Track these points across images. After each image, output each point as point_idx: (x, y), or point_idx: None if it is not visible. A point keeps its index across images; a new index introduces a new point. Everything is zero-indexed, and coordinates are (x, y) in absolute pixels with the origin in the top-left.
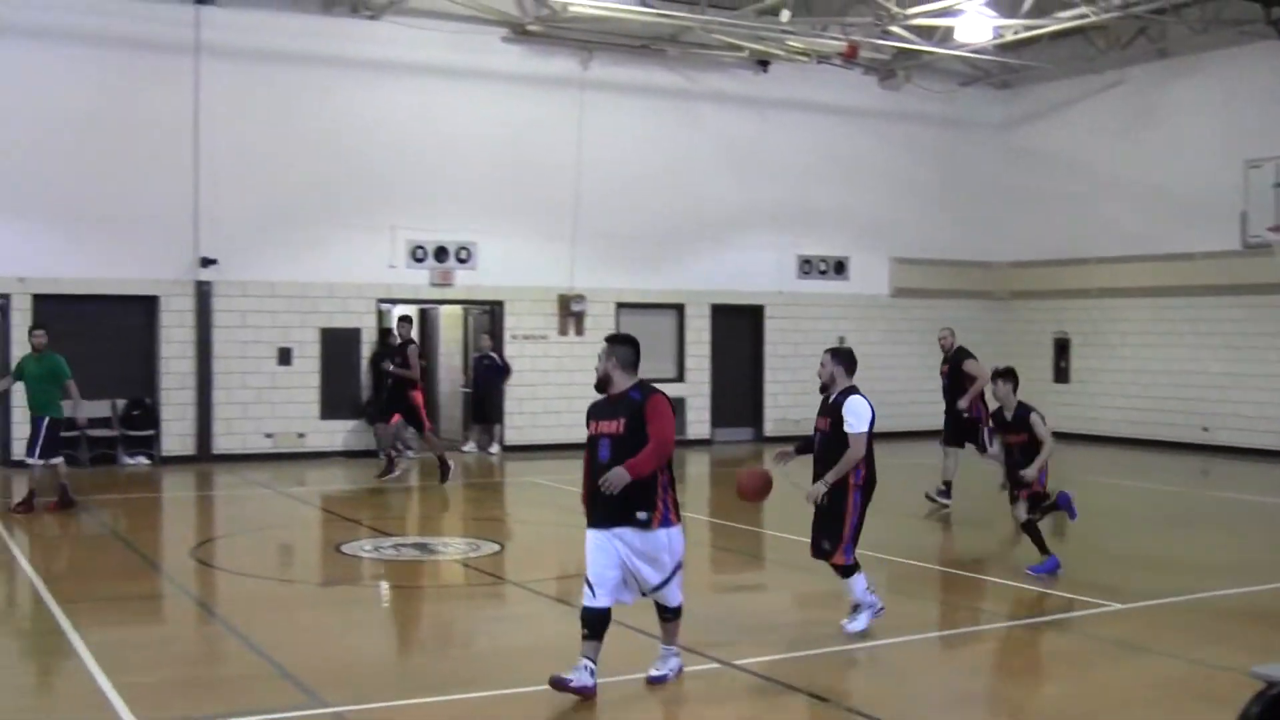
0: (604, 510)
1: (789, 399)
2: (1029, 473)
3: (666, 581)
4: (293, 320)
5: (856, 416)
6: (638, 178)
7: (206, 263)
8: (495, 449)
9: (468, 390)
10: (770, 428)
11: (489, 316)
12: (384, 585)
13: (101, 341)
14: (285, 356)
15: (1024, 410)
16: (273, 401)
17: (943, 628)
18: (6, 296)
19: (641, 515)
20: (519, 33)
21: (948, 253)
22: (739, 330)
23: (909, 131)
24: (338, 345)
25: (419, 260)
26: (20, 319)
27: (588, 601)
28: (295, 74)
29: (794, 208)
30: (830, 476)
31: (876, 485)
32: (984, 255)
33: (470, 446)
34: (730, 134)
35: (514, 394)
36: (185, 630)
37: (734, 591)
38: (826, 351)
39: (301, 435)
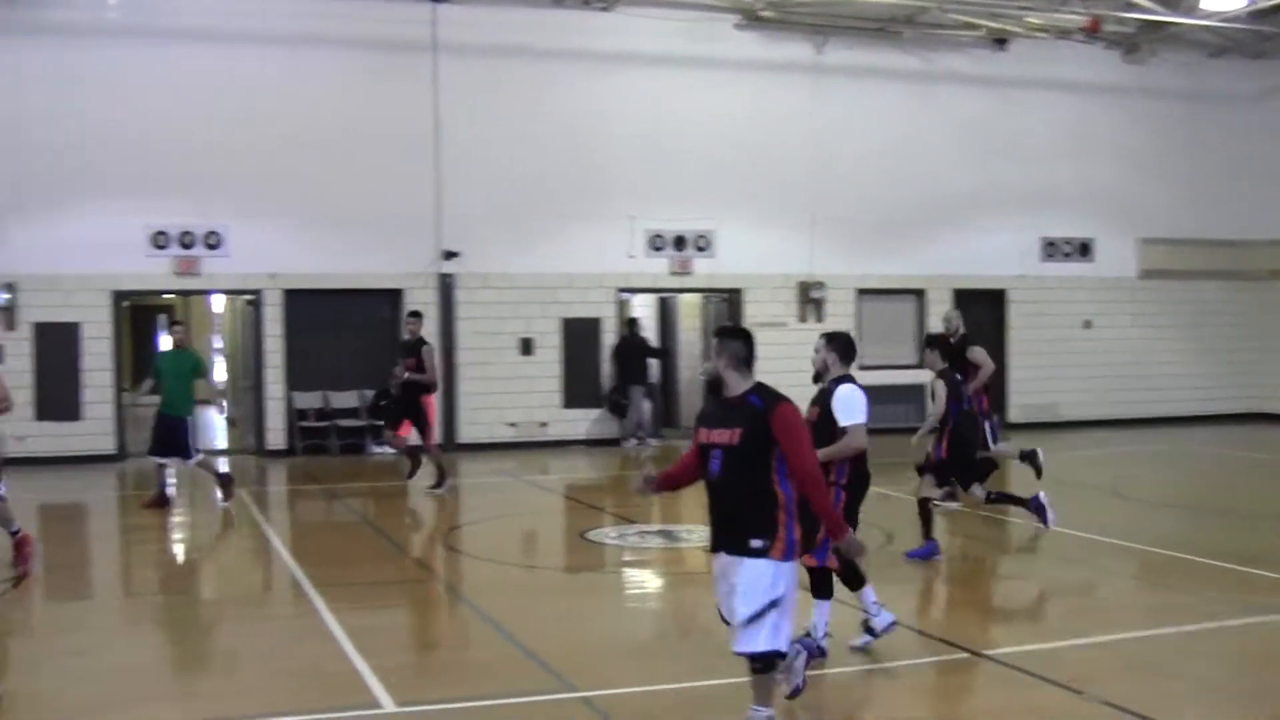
0: (718, 531)
1: (1033, 384)
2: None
3: (751, 620)
4: (534, 311)
5: (847, 406)
6: (875, 162)
7: (449, 256)
8: None
9: (707, 378)
10: (1015, 413)
11: (728, 304)
12: None
13: (348, 334)
14: (527, 347)
15: (939, 375)
16: (515, 391)
17: (1201, 620)
18: (258, 292)
19: (756, 543)
20: (751, 19)
21: (1198, 232)
22: (981, 315)
23: (1155, 107)
24: (579, 335)
25: (658, 249)
26: (272, 314)
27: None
28: (529, 67)
29: (1036, 189)
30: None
31: (869, 487)
32: (1238, 234)
33: None
34: (968, 115)
35: None
36: (436, 615)
37: (986, 580)
38: (821, 336)
39: (544, 424)
